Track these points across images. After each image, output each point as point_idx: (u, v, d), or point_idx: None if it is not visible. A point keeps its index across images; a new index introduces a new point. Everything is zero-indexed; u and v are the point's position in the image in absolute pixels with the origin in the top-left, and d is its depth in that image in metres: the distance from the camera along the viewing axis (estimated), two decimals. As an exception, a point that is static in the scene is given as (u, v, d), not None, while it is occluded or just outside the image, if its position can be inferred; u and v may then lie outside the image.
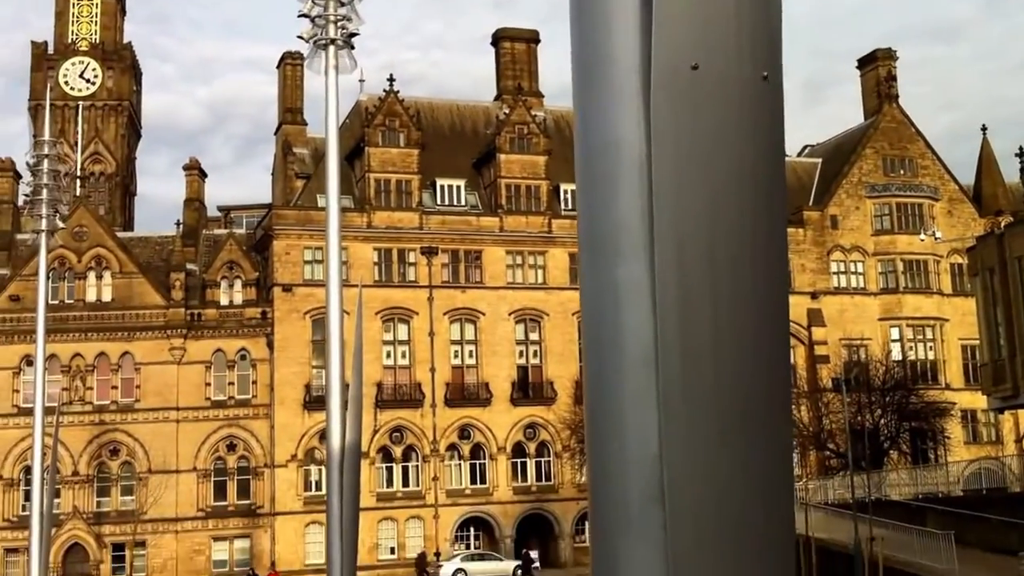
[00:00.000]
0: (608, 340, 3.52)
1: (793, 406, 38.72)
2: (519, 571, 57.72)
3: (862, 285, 74.97)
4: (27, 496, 52.97)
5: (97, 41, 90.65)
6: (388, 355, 66.75)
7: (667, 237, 3.23)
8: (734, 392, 3.29)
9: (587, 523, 3.96)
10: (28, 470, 52.73)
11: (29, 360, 56.06)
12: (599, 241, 3.60)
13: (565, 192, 71.29)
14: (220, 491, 65.21)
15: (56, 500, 58.41)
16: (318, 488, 60.51)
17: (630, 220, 3.35)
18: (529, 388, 68.80)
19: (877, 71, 79.56)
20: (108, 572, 62.80)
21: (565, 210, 70.88)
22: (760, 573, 3.50)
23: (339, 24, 15.75)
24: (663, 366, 3.24)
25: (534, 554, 63.51)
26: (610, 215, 3.47)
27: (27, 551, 49.60)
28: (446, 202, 70.16)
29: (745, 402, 3.29)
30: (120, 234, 71.22)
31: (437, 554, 62.36)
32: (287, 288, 65.19)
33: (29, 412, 50.58)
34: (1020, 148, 48.56)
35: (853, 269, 74.84)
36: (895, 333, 73.62)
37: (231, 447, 65.41)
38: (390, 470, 66.12)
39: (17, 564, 58.04)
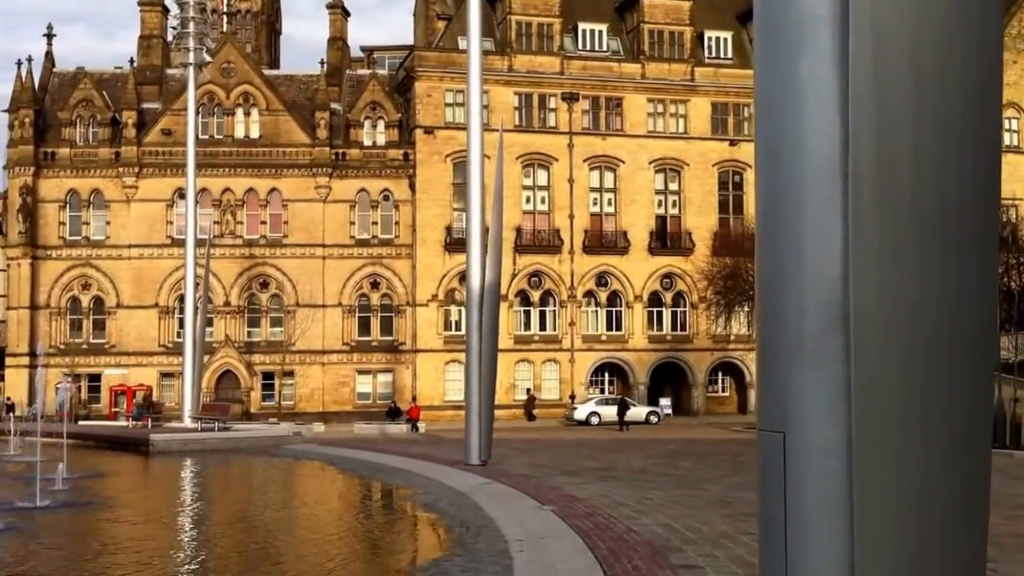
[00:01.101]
0: (788, 144, 3.28)
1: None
2: (650, 416, 58.26)
3: (1016, 143, 71.35)
4: (181, 324, 55.38)
5: None
6: (528, 200, 66.80)
7: (863, 32, 2.91)
8: (934, 206, 3.01)
9: (755, 352, 3.81)
10: (182, 299, 54.95)
11: (181, 193, 57.72)
12: (780, 32, 3.30)
13: (709, 39, 69.13)
14: (364, 327, 67.06)
15: (209, 329, 60.96)
16: (457, 328, 61.67)
17: (818, 9, 3.04)
18: (667, 238, 68.29)
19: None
20: (258, 399, 65.68)
21: (708, 58, 68.81)
22: (955, 407, 3.30)
23: None
24: (854, 175, 2.98)
25: (665, 402, 64.05)
26: (794, 3, 3.15)
27: (181, 375, 52.28)
28: (587, 47, 68.74)
29: (945, 219, 3.01)
30: (266, 72, 72.03)
31: (572, 397, 63.32)
32: (428, 130, 65.40)
33: (182, 244, 52.50)
34: None
35: (1008, 127, 71.12)
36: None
37: (374, 285, 66.94)
38: (528, 314, 66.91)
39: (173, 388, 61.09)
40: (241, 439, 40.14)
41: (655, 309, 67.98)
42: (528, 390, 63.27)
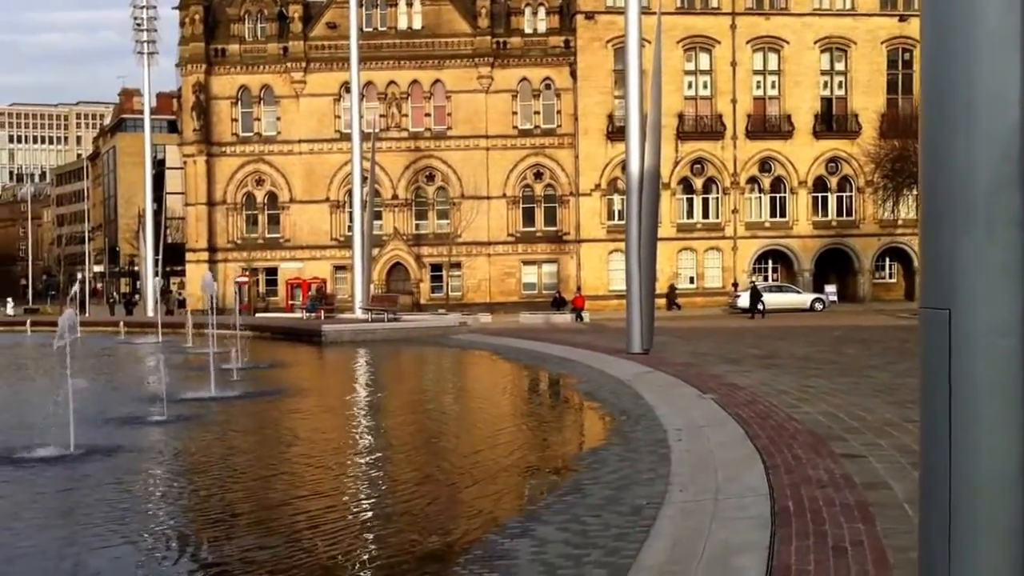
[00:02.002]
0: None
1: None
2: (815, 304, 56.97)
3: None
4: (352, 218, 56.45)
5: None
6: (689, 86, 65.20)
7: None
8: None
9: (919, 217, 3.40)
10: (351, 193, 55.90)
11: (348, 87, 58.36)
12: None
13: (880, -91, 65.62)
14: (528, 217, 67.25)
15: (378, 222, 62.13)
16: (620, 217, 61.10)
17: None
18: (832, 120, 65.83)
19: None
20: (427, 290, 66.92)
21: (879, -74, 65.35)
22: None
23: None
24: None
25: (830, 289, 62.48)
26: None
27: (352, 268, 53.50)
28: (751, -80, 65.99)
29: None
30: (427, -37, 71.65)
31: (735, 285, 62.31)
32: (589, 16, 64.15)
33: (350, 138, 53.19)
34: None
35: None
36: None
37: (538, 175, 66.83)
38: (690, 201, 65.84)
39: (345, 280, 62.58)
40: (409, 330, 40.91)
41: (820, 194, 66.02)
42: (672, 285, 62.27)
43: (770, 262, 67.23)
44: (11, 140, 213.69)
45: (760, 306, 51.63)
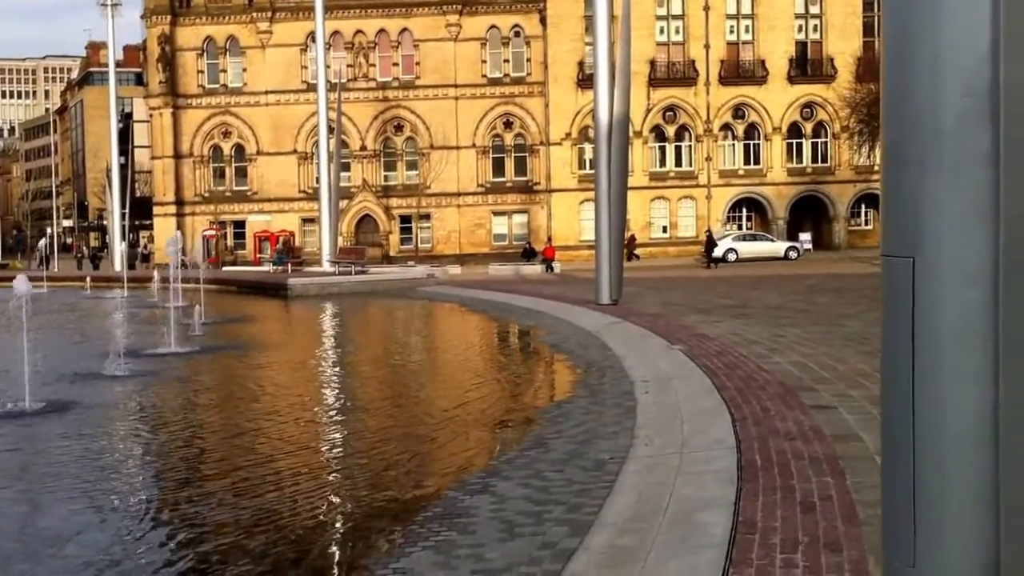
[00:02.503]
0: None
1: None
2: (789, 252, 56.87)
3: None
4: (319, 169, 55.81)
5: None
6: (661, 31, 64.59)
7: None
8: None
9: (881, 157, 3.14)
10: (319, 145, 55.21)
11: (314, 37, 57.44)
12: None
13: None
14: (499, 167, 66.77)
15: (346, 174, 61.55)
16: (592, 167, 60.71)
17: None
18: (808, 65, 65.36)
19: None
20: (396, 242, 66.47)
21: None
22: None
23: None
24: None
25: (805, 237, 62.39)
26: None
27: (319, 220, 52.99)
28: None
29: None
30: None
31: (709, 233, 62.16)
32: (559, -40, 63.37)
33: (317, 88, 52.44)
34: None
35: None
36: None
37: (508, 124, 66.28)
38: (663, 150, 65.48)
39: (313, 233, 62.01)
40: (376, 282, 40.59)
41: (795, 141, 65.75)
42: (631, 235, 61.76)
43: (744, 210, 67.07)
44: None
45: (716, 254, 51.50)
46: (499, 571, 6.74)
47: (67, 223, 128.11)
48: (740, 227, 65.59)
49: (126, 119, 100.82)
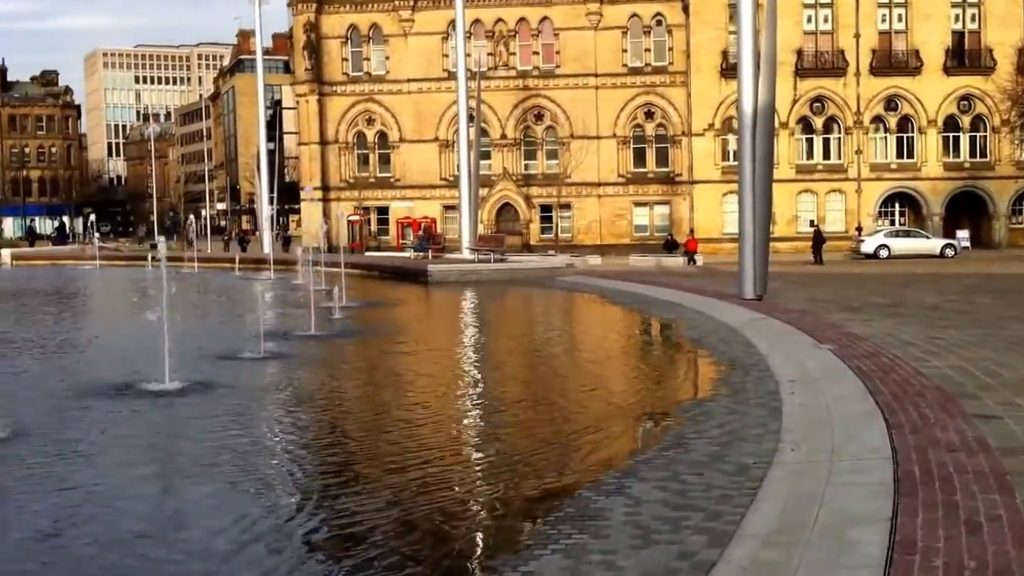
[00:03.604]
0: None
1: None
2: (946, 250, 54.58)
3: None
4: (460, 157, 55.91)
5: None
6: (809, 19, 62.76)
7: None
8: None
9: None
10: (459, 132, 55.33)
11: (455, 25, 57.53)
12: None
13: None
14: (639, 158, 65.95)
15: (486, 162, 61.61)
16: (735, 158, 59.42)
17: None
18: (965, 56, 62.59)
19: None
20: (537, 231, 66.29)
21: None
22: None
23: None
24: None
25: (962, 234, 59.91)
26: None
27: (460, 208, 53.14)
28: None
29: None
30: None
31: (859, 229, 60.27)
32: (703, -53, 62.16)
33: (457, 77, 52.53)
34: None
35: None
36: None
37: (649, 114, 65.39)
38: (810, 142, 63.72)
39: (454, 220, 62.20)
40: (515, 271, 40.45)
41: (951, 134, 63.13)
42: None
43: (897, 205, 64.68)
44: (137, 81, 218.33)
45: (865, 250, 49.60)
46: (633, 582, 6.34)
47: (220, 206, 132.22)
48: (892, 223, 63.34)
49: (275, 106, 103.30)
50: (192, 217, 79.17)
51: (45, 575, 7.11)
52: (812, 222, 58.47)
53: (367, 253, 58.80)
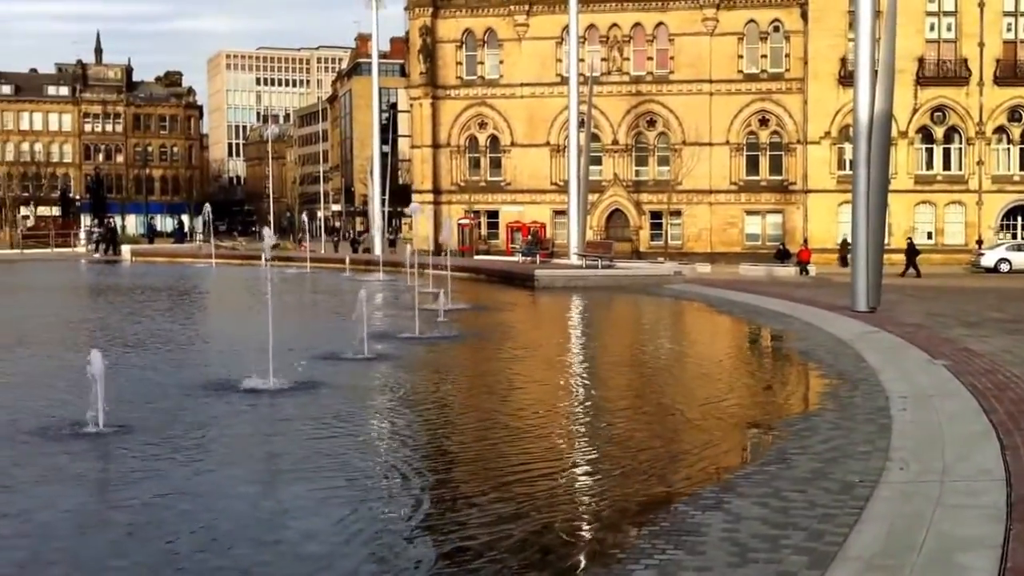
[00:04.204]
0: None
1: None
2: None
3: None
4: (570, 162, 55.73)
5: None
6: (931, 28, 61.19)
7: None
8: None
9: None
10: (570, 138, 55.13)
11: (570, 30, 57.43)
12: None
13: None
14: (752, 165, 65.09)
15: (597, 168, 61.45)
16: (851, 167, 58.14)
17: None
18: (1095, 66, 60.41)
19: None
20: (646, 238, 65.88)
21: None
22: None
23: None
24: None
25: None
26: None
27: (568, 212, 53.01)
28: None
29: None
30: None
31: (979, 242, 58.50)
32: (823, -48, 61.04)
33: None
34: None
35: None
36: None
37: (763, 122, 64.47)
38: (930, 152, 62.11)
39: (564, 225, 62.05)
40: (622, 277, 40.13)
41: (1079, 146, 60.87)
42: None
43: (1020, 219, 62.65)
44: (258, 83, 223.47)
45: (985, 263, 47.86)
46: (728, 602, 6.16)
47: (334, 207, 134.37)
48: (1014, 236, 61.30)
49: (391, 109, 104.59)
50: (305, 217, 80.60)
51: (131, 572, 7.17)
52: (909, 238, 56.76)
53: (476, 257, 59.07)
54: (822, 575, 6.46)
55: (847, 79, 56.90)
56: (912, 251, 49.87)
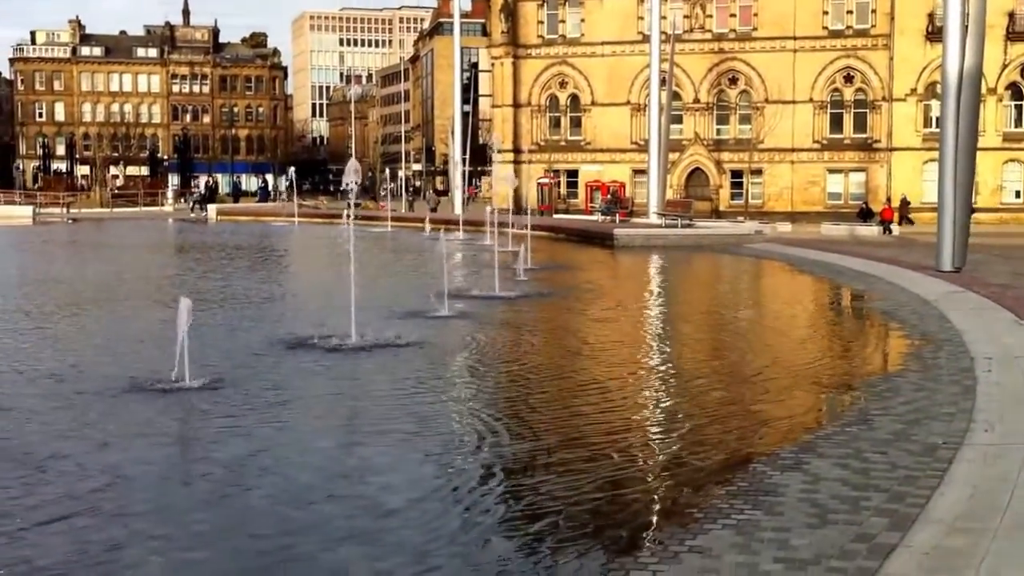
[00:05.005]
0: None
1: None
2: None
3: None
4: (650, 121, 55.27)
5: None
6: (1027, -20, 59.28)
7: None
8: None
9: None
10: (651, 96, 54.65)
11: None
12: None
13: None
14: (836, 123, 63.92)
15: (677, 127, 60.85)
16: (938, 125, 56.84)
17: None
18: None
19: None
20: (726, 197, 65.16)
21: None
22: None
23: None
24: None
25: None
26: None
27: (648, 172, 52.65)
28: None
29: None
30: None
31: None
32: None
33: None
34: None
35: None
36: None
37: (848, 79, 63.19)
38: (1019, 109, 60.44)
39: (644, 184, 61.65)
40: (702, 236, 39.84)
41: None
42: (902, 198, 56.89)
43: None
44: (341, 43, 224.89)
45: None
46: (805, 562, 6.10)
47: (416, 167, 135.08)
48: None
49: (472, 68, 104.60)
50: (387, 176, 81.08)
51: (215, 525, 7.32)
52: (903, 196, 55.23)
53: (555, 216, 58.99)
54: (903, 537, 6.39)
55: (935, 35, 55.53)
56: (904, 207, 48.51)
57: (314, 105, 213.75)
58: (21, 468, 8.56)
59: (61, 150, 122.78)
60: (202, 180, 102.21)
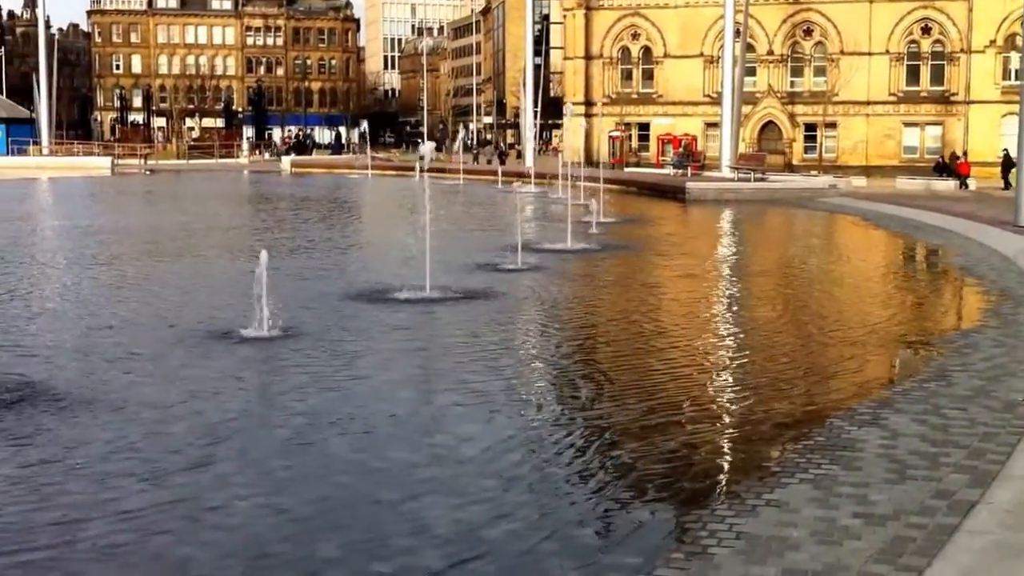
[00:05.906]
0: None
1: None
2: None
3: None
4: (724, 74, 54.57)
5: None
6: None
7: None
8: None
9: None
10: (724, 48, 53.90)
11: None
12: None
13: None
14: (912, 76, 62.47)
15: (751, 79, 59.93)
16: (1017, 77, 55.39)
17: None
18: None
19: None
20: (800, 151, 64.18)
21: None
22: None
23: None
24: None
25: None
26: None
27: (721, 125, 52.10)
28: None
29: None
30: None
31: (1005, 152, 54.99)
32: None
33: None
34: None
35: None
36: None
37: (925, 30, 61.66)
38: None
39: (716, 137, 61.00)
40: (775, 190, 39.40)
41: None
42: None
43: None
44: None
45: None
46: (884, 517, 6.11)
47: (487, 119, 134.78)
48: None
49: (543, 20, 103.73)
50: (461, 128, 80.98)
51: (295, 471, 7.46)
52: (1004, 149, 53.26)
53: (627, 169, 58.64)
54: (983, 493, 6.38)
55: (1020, -17, 54.02)
56: (1008, 164, 46.94)
57: (386, 57, 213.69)
58: (110, 413, 8.84)
59: (138, 102, 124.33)
60: (293, 131, 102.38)
